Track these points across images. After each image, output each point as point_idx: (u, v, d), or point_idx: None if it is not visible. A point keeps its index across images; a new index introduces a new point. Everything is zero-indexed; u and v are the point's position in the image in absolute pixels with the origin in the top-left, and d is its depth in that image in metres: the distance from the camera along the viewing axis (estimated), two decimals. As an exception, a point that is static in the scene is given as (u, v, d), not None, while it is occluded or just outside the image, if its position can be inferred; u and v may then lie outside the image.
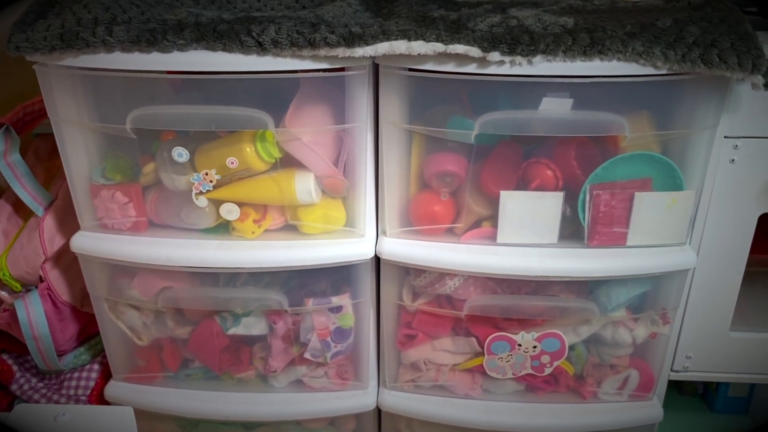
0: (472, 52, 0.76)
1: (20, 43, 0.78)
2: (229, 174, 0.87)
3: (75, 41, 0.77)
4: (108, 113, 0.86)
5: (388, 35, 0.76)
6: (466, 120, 0.84)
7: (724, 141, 0.87)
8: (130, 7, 0.81)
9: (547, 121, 0.82)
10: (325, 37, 0.76)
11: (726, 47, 0.74)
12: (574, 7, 0.85)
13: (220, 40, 0.77)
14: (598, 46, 0.75)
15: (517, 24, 0.78)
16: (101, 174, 0.90)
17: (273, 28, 0.76)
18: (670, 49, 0.75)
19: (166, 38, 0.77)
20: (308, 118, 0.86)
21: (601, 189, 0.85)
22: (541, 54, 0.75)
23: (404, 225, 0.91)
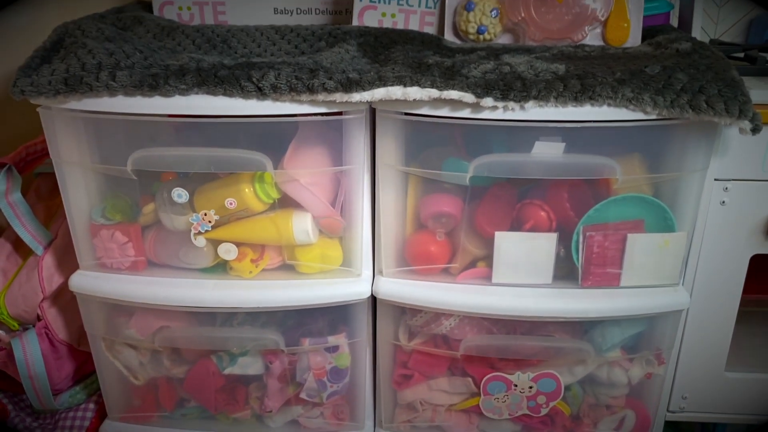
0: (466, 97, 0.78)
1: (25, 87, 0.80)
2: (227, 214, 0.88)
3: (79, 85, 0.79)
4: (109, 155, 0.87)
5: (385, 81, 0.78)
6: (461, 162, 0.86)
7: (715, 183, 0.89)
8: (133, 53, 0.83)
9: (539, 165, 0.84)
10: (323, 83, 0.78)
11: (713, 93, 0.76)
12: (566, 54, 0.88)
13: (221, 85, 0.79)
14: (589, 92, 0.77)
15: (510, 70, 0.80)
16: (101, 214, 0.91)
17: (273, 74, 0.79)
18: (659, 95, 0.77)
19: (168, 83, 0.79)
20: (306, 160, 0.87)
21: (594, 230, 0.86)
22: (533, 100, 0.77)
23: (400, 265, 0.92)
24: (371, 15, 1.00)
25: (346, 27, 0.95)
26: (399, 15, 1.00)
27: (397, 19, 1.00)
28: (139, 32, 0.94)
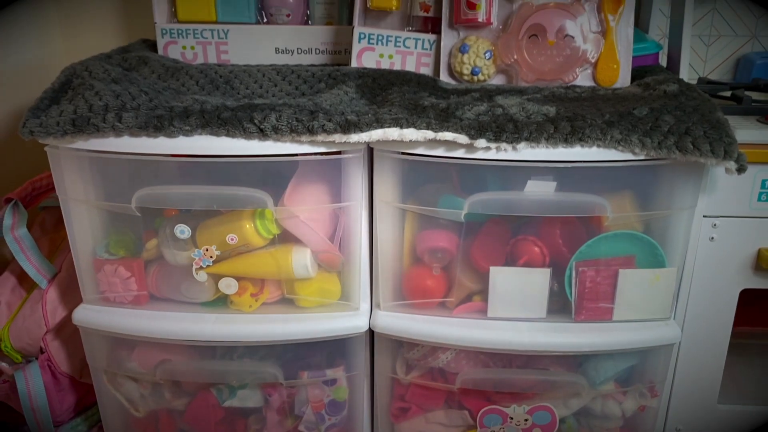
0: (460, 139, 0.80)
1: (34, 128, 0.83)
2: (228, 249, 0.90)
3: (86, 126, 0.82)
4: (114, 192, 0.90)
5: (382, 123, 0.81)
6: (456, 198, 0.88)
7: (704, 220, 0.91)
8: (139, 95, 0.86)
9: (532, 202, 0.86)
10: (322, 124, 0.81)
11: (699, 135, 0.79)
12: (557, 95, 0.91)
13: (224, 126, 0.82)
14: (579, 133, 0.80)
15: (503, 112, 0.83)
16: (105, 249, 0.94)
17: (274, 116, 0.81)
18: (647, 136, 0.79)
19: (173, 124, 0.81)
20: (306, 197, 0.90)
21: (587, 266, 0.88)
22: (525, 141, 0.80)
23: (398, 299, 0.94)
24: (369, 56, 1.03)
25: (345, 69, 0.98)
26: (396, 56, 1.03)
27: (394, 60, 1.03)
28: (145, 73, 0.98)
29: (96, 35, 1.30)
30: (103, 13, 1.30)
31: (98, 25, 1.30)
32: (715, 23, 1.20)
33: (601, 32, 0.96)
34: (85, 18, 1.30)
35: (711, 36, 1.21)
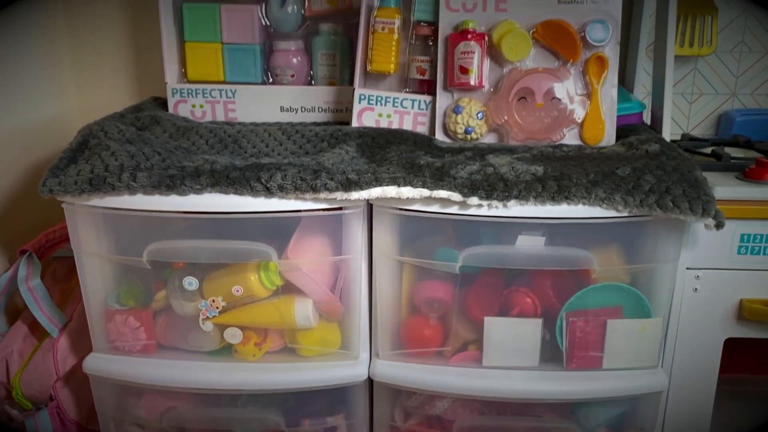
0: (454, 196, 0.86)
1: (54, 187, 0.88)
2: (234, 300, 0.95)
3: (102, 186, 0.87)
4: (126, 246, 0.94)
5: (381, 181, 0.87)
6: (451, 251, 0.93)
7: (687, 272, 0.96)
8: (152, 155, 0.91)
9: (523, 256, 0.91)
10: (325, 183, 0.86)
11: (678, 194, 0.84)
12: (545, 154, 0.96)
13: (232, 185, 0.87)
14: (565, 192, 0.85)
15: (493, 172, 0.88)
16: (116, 300, 0.98)
17: (279, 175, 0.87)
18: (629, 195, 0.84)
19: (185, 183, 0.87)
20: (308, 250, 0.94)
21: (576, 316, 0.92)
22: (515, 199, 0.85)
23: (396, 348, 0.98)
24: (369, 115, 1.09)
25: (346, 128, 1.04)
26: (394, 115, 1.09)
27: (392, 119, 1.09)
28: (157, 132, 1.03)
29: (110, 92, 1.37)
30: (116, 72, 1.36)
31: (112, 83, 1.37)
32: (696, 82, 1.27)
33: (587, 94, 1.02)
34: (99, 76, 1.37)
35: (693, 94, 1.28)
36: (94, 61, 1.36)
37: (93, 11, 1.33)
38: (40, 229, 1.14)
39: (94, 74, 1.36)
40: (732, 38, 1.24)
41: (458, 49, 1.03)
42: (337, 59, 1.20)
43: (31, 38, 1.24)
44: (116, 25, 1.34)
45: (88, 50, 1.35)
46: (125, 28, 1.34)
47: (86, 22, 1.34)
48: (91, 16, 1.33)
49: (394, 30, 1.08)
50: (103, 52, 1.35)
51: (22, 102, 1.21)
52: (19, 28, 1.19)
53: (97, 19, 1.33)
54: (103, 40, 1.35)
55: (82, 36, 1.34)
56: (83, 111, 1.37)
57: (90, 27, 1.34)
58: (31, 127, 1.24)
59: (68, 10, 1.33)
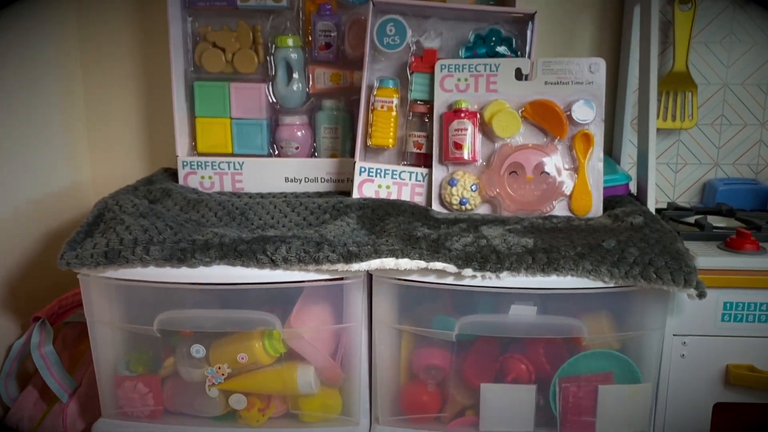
0: (449, 268, 0.90)
1: (71, 260, 0.93)
2: (239, 367, 0.98)
3: (117, 259, 0.92)
4: (137, 315, 0.99)
5: (380, 254, 0.92)
6: (448, 319, 0.97)
7: (674, 338, 0.99)
8: (164, 229, 0.97)
9: (516, 325, 0.95)
10: (327, 255, 0.91)
11: (661, 266, 0.89)
12: (536, 226, 1.02)
13: (239, 258, 0.92)
14: (554, 264, 0.90)
15: (487, 244, 0.93)
16: (126, 366, 1.02)
17: (284, 248, 0.92)
18: (615, 267, 0.89)
19: (195, 256, 0.92)
20: (310, 319, 0.99)
21: (569, 382, 0.96)
22: (507, 270, 0.90)
23: (395, 413, 1.01)
24: (369, 186, 1.15)
25: (347, 200, 1.10)
26: (393, 186, 1.15)
27: (391, 190, 1.15)
28: (168, 205, 1.09)
29: (122, 163, 1.44)
30: (129, 143, 1.44)
31: (124, 154, 1.44)
32: (680, 152, 1.33)
33: (574, 168, 1.08)
34: (112, 146, 1.44)
35: (678, 164, 1.34)
36: (107, 133, 1.43)
37: (108, 84, 1.41)
38: (53, 294, 1.19)
39: (107, 145, 1.44)
40: (712, 112, 1.32)
41: (452, 126, 1.10)
42: (339, 133, 1.27)
43: (48, 109, 1.31)
44: (130, 99, 1.42)
45: (103, 122, 1.43)
46: (139, 102, 1.42)
47: (102, 94, 1.42)
48: (107, 89, 1.41)
49: (393, 108, 1.15)
50: (116, 124, 1.43)
51: (38, 171, 1.27)
52: (36, 97, 1.26)
53: (112, 92, 1.41)
54: (118, 113, 1.42)
55: (97, 108, 1.42)
56: (96, 180, 1.44)
57: (105, 100, 1.42)
58: (45, 195, 1.29)
59: (86, 83, 1.41)
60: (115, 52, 1.40)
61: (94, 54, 1.39)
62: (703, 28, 1.29)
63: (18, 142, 1.20)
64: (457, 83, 1.12)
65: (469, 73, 1.11)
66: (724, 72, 1.30)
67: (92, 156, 1.44)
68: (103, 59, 1.40)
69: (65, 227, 1.32)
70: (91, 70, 1.40)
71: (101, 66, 1.40)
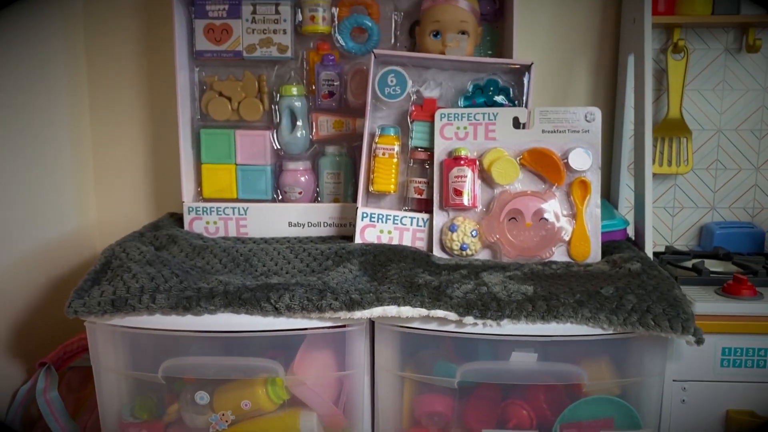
0: (451, 316, 0.92)
1: (78, 308, 0.95)
2: (242, 414, 0.99)
3: (124, 307, 0.94)
4: (142, 362, 1.00)
5: (382, 301, 0.93)
6: (450, 365, 0.98)
7: (674, 384, 1.00)
8: (171, 277, 0.98)
9: (517, 371, 0.96)
10: (330, 303, 0.93)
11: (659, 313, 0.90)
12: (535, 272, 1.03)
13: (243, 306, 0.94)
14: (554, 312, 0.91)
15: (487, 291, 0.95)
16: (130, 413, 1.02)
17: (287, 296, 0.94)
18: (613, 314, 0.91)
19: (200, 305, 0.93)
20: (313, 366, 1.00)
21: (570, 428, 0.96)
22: (507, 318, 0.91)
23: (398, 460, 1.01)
24: (371, 232, 1.17)
25: (350, 246, 1.12)
26: (395, 232, 1.17)
27: (393, 235, 1.17)
28: (174, 251, 1.11)
29: (128, 208, 1.46)
30: (135, 188, 1.46)
31: (131, 199, 1.46)
32: (677, 196, 1.36)
33: (572, 214, 1.11)
34: (119, 192, 1.46)
35: (675, 207, 1.36)
36: (115, 178, 1.46)
37: (116, 130, 1.44)
38: (59, 339, 1.20)
39: (115, 190, 1.46)
40: (707, 157, 1.34)
41: (452, 173, 1.12)
42: (342, 178, 1.30)
43: (56, 153, 1.33)
44: (138, 145, 1.45)
45: (111, 167, 1.46)
46: (146, 148, 1.45)
47: (109, 140, 1.45)
48: (115, 134, 1.45)
49: (394, 155, 1.18)
50: (124, 169, 1.46)
51: (45, 216, 1.30)
52: (44, 141, 1.29)
53: (120, 138, 1.45)
54: (125, 159, 1.46)
55: (105, 153, 1.45)
56: (103, 225, 1.46)
57: (113, 145, 1.45)
58: (52, 239, 1.31)
59: (94, 128, 1.44)
60: (124, 98, 1.43)
61: (103, 99, 1.43)
62: (696, 76, 1.32)
63: (26, 186, 1.23)
64: (457, 131, 1.14)
65: (468, 122, 1.14)
66: (717, 118, 1.33)
67: (99, 200, 1.46)
68: (112, 105, 1.43)
69: (72, 272, 1.34)
70: (100, 116, 1.44)
71: (109, 112, 1.44)
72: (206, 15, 1.26)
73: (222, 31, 1.26)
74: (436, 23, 1.21)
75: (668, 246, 1.34)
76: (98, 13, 1.40)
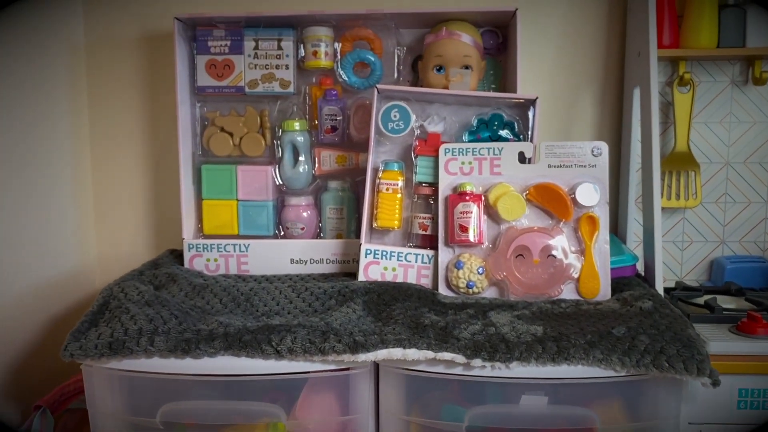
0: (458, 359, 0.89)
1: (74, 351, 0.92)
2: (243, 460, 0.96)
3: (121, 350, 0.91)
4: (140, 406, 0.96)
5: (386, 344, 0.90)
6: (457, 408, 0.95)
7: (690, 427, 0.97)
8: (169, 318, 0.96)
9: (528, 415, 0.93)
10: (333, 346, 0.90)
11: (673, 354, 0.87)
12: (544, 311, 1.00)
13: (244, 349, 0.91)
14: (564, 353, 0.88)
15: (495, 332, 0.92)
16: (127, 459, 0.99)
17: (289, 338, 0.91)
18: (626, 356, 0.88)
19: (199, 347, 0.91)
20: (316, 410, 0.96)
21: (583, 475, 0.93)
22: (517, 360, 0.89)
23: (404, 507, 0.97)
24: (375, 269, 1.15)
25: (353, 284, 1.09)
26: (399, 269, 1.14)
27: (397, 272, 1.14)
28: (173, 291, 1.09)
29: (129, 243, 1.44)
30: (135, 224, 1.45)
31: (131, 235, 1.44)
32: (686, 230, 1.34)
33: (581, 251, 1.08)
34: (119, 228, 1.45)
35: (684, 241, 1.34)
36: (115, 215, 1.45)
37: (117, 166, 1.43)
38: (56, 381, 1.17)
39: (115, 226, 1.45)
40: (716, 190, 1.32)
41: (457, 209, 1.10)
42: (345, 213, 1.28)
43: (56, 189, 1.32)
44: (138, 181, 1.44)
45: (111, 203, 1.44)
46: (147, 184, 1.44)
47: (110, 175, 1.44)
48: (116, 171, 1.44)
49: (398, 190, 1.16)
50: (124, 205, 1.44)
51: (45, 253, 1.28)
52: (45, 176, 1.28)
53: (121, 175, 1.43)
54: (125, 195, 1.44)
55: (105, 190, 1.44)
56: (103, 261, 1.44)
57: (113, 182, 1.44)
58: (51, 277, 1.29)
59: (94, 163, 1.43)
60: (125, 133, 1.43)
61: (104, 134, 1.42)
62: (703, 109, 1.31)
63: (25, 222, 1.21)
64: (462, 166, 1.13)
65: (473, 157, 1.12)
66: (725, 151, 1.32)
67: (99, 237, 1.44)
68: (113, 140, 1.42)
69: (71, 310, 1.32)
70: (101, 150, 1.43)
71: (110, 146, 1.43)
72: (208, 51, 1.25)
73: (224, 66, 1.25)
74: (439, 58, 1.20)
75: (678, 281, 1.31)
76: (100, 49, 1.40)
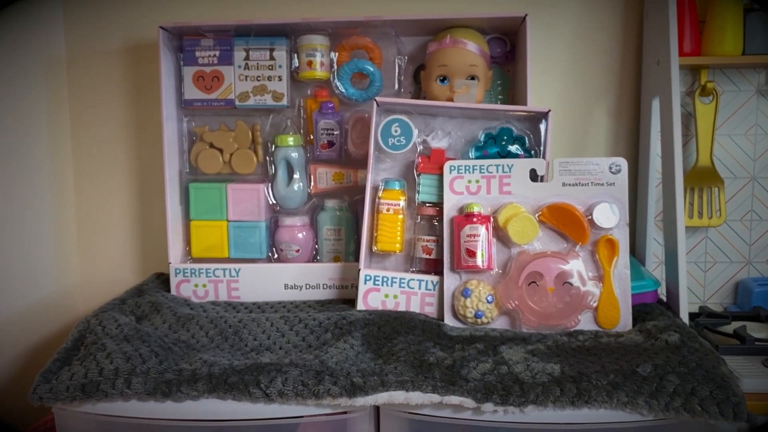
0: (467, 402, 0.80)
1: (44, 394, 0.83)
2: None
3: (95, 393, 0.83)
4: (118, 454, 0.88)
5: (387, 386, 0.82)
6: (466, 454, 0.86)
7: (723, 474, 0.88)
8: (149, 356, 0.87)
9: (544, 464, 0.84)
10: (328, 389, 0.81)
11: (705, 395, 0.78)
12: (561, 346, 0.92)
13: (230, 391, 0.82)
14: (585, 396, 0.79)
15: (508, 371, 0.83)
16: None
17: (280, 380, 0.82)
18: (653, 398, 0.79)
19: (181, 390, 0.82)
20: (311, 456, 0.88)
21: None
22: (532, 404, 0.80)
23: None
24: (375, 296, 1.06)
25: (351, 316, 1.00)
26: (401, 296, 1.06)
27: (399, 300, 1.06)
28: (156, 322, 1.00)
29: (113, 267, 1.35)
30: (119, 246, 1.36)
31: (115, 259, 1.36)
32: (709, 250, 1.25)
33: (599, 277, 0.99)
34: (102, 251, 1.36)
35: (707, 262, 1.25)
36: (98, 237, 1.36)
37: (100, 185, 1.35)
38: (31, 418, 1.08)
39: (98, 250, 1.36)
40: (741, 207, 1.23)
41: (464, 232, 1.02)
42: (343, 234, 1.20)
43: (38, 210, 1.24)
44: (123, 201, 1.35)
45: (94, 225, 1.35)
46: (132, 205, 1.35)
47: (93, 195, 1.35)
48: (99, 190, 1.35)
49: (399, 211, 1.08)
50: (108, 227, 1.35)
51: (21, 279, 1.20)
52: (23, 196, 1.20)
53: (104, 194, 1.35)
54: (109, 216, 1.35)
55: (88, 211, 1.35)
56: (85, 287, 1.35)
57: (96, 202, 1.35)
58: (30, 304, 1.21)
59: (77, 183, 1.35)
60: (108, 149, 1.34)
61: (86, 152, 1.33)
62: (727, 120, 1.22)
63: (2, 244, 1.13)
64: (468, 185, 1.04)
65: (481, 175, 1.04)
66: (751, 165, 1.23)
67: (82, 261, 1.35)
68: (95, 157, 1.33)
69: (49, 340, 1.23)
70: (83, 168, 1.34)
71: (93, 164, 1.34)
72: (196, 61, 1.17)
73: (213, 78, 1.17)
74: (443, 67, 1.12)
75: (702, 306, 1.22)
76: (82, 61, 1.32)
